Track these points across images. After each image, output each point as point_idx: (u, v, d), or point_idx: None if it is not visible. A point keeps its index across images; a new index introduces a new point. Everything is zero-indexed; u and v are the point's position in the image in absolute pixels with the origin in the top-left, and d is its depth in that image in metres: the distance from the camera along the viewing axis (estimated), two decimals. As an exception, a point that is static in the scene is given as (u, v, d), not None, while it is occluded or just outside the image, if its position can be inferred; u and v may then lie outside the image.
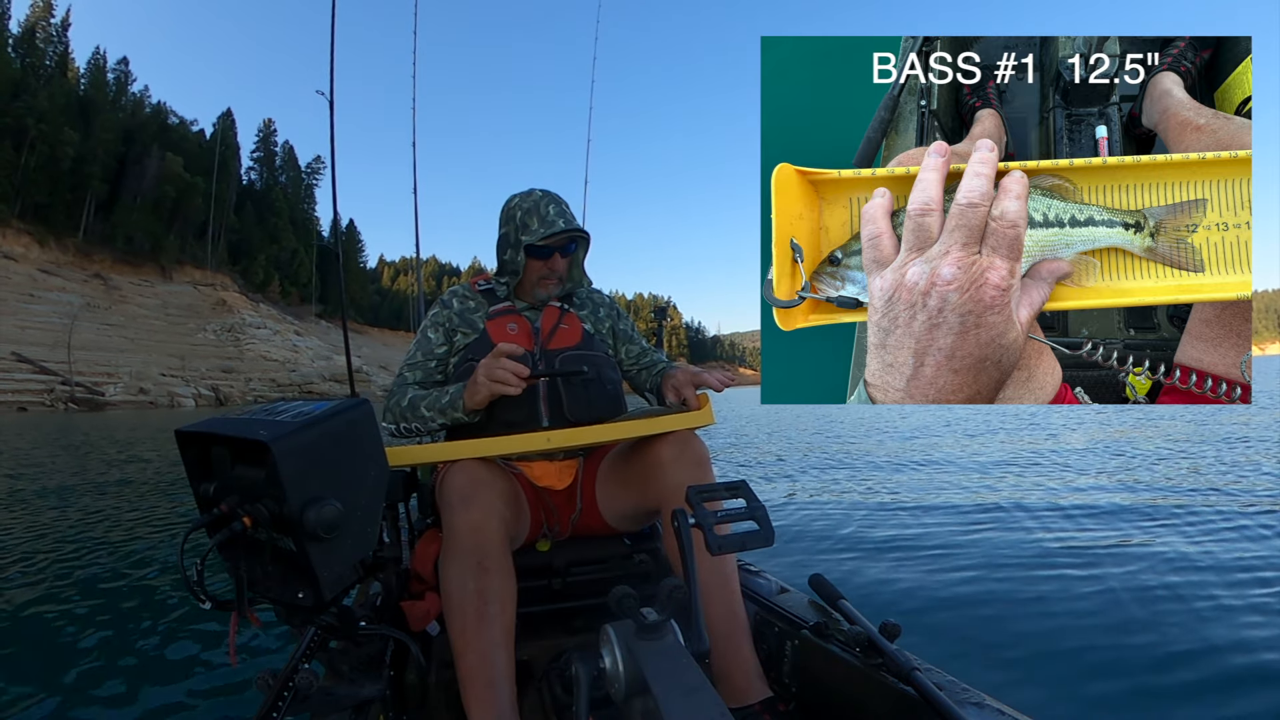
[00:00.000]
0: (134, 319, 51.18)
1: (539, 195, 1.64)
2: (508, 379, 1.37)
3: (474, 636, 1.19)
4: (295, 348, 58.88)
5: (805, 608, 1.41)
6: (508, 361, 1.38)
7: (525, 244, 1.60)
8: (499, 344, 1.42)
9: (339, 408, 0.95)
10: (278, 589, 0.94)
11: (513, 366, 1.38)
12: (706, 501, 0.93)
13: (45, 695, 2.02)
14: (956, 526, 3.81)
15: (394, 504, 1.62)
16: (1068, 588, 2.70)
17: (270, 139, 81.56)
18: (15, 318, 41.82)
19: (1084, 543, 3.35)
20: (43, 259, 50.34)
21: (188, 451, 0.98)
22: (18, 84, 52.00)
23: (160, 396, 42.78)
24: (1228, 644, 2.11)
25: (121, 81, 65.78)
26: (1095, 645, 2.15)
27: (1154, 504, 4.18)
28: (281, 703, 0.96)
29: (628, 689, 0.75)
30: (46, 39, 60.29)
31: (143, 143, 60.09)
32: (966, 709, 0.97)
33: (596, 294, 1.83)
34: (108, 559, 3.72)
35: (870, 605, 2.45)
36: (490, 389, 1.38)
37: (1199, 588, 2.63)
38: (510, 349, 1.40)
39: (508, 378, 1.37)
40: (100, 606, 2.90)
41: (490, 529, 1.25)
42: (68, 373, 39.63)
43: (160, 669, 2.22)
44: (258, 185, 78.11)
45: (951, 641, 2.20)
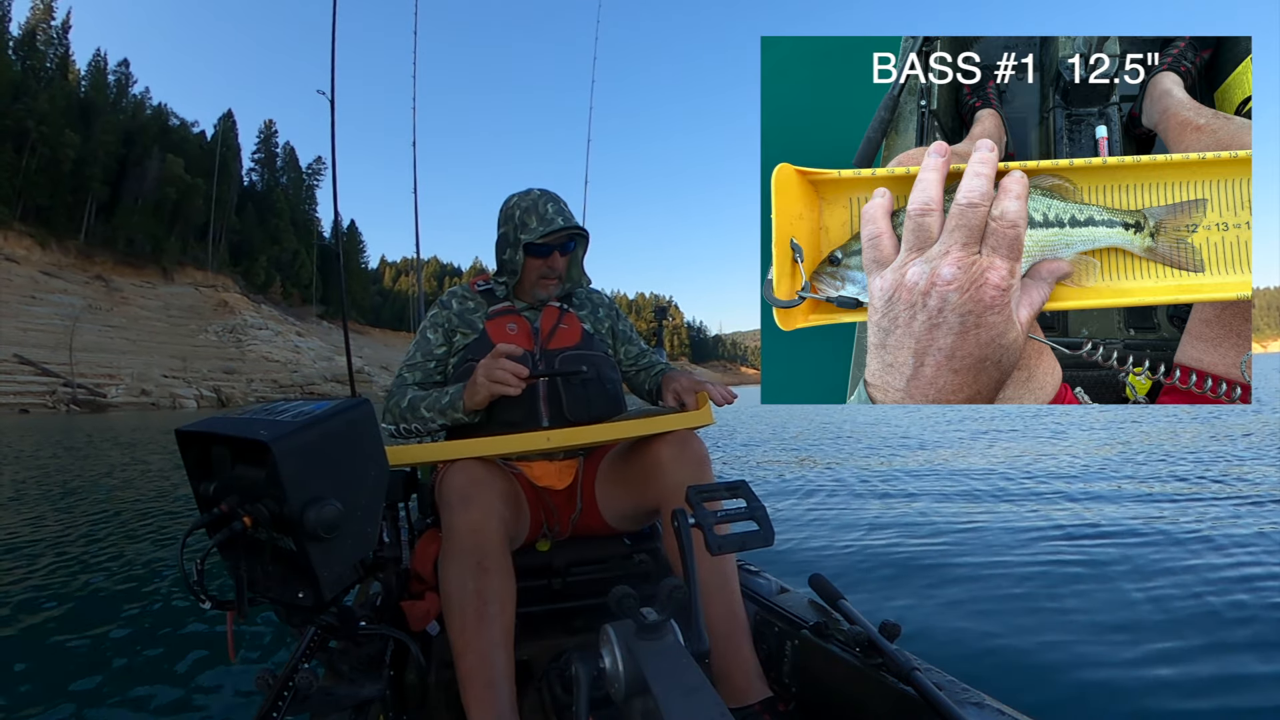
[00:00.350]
0: (136, 320, 51.21)
1: (537, 194, 1.64)
2: (507, 380, 1.37)
3: (474, 636, 1.19)
4: (297, 349, 58.88)
5: (805, 608, 1.41)
6: (507, 362, 1.38)
7: (524, 243, 1.60)
8: (498, 344, 1.42)
9: (339, 408, 0.95)
10: (278, 589, 0.94)
11: (512, 367, 1.38)
12: (706, 501, 0.93)
13: (45, 695, 2.02)
14: (957, 527, 3.81)
15: (394, 504, 1.62)
16: (1068, 587, 2.70)
17: (271, 140, 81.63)
18: (17, 320, 41.84)
19: (1084, 542, 3.35)
20: (44, 261, 50.37)
21: (188, 451, 0.98)
22: (18, 86, 52.06)
23: (162, 398, 42.79)
24: (1228, 644, 2.11)
25: (122, 83, 65.84)
26: (1096, 645, 2.14)
27: (1155, 503, 4.18)
28: (281, 703, 0.96)
29: (628, 689, 0.75)
30: (47, 41, 60.34)
31: (143, 144, 60.13)
32: (966, 709, 0.97)
33: (596, 294, 1.83)
34: (108, 559, 3.72)
35: (870, 605, 2.46)
36: (490, 390, 1.39)
37: (1200, 587, 2.63)
38: (509, 349, 1.40)
39: (507, 378, 1.37)
40: (101, 607, 2.90)
41: (490, 529, 1.25)
42: (69, 374, 39.63)
43: (160, 669, 2.22)
44: (259, 186, 78.17)
45: (951, 641, 2.19)
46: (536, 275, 1.66)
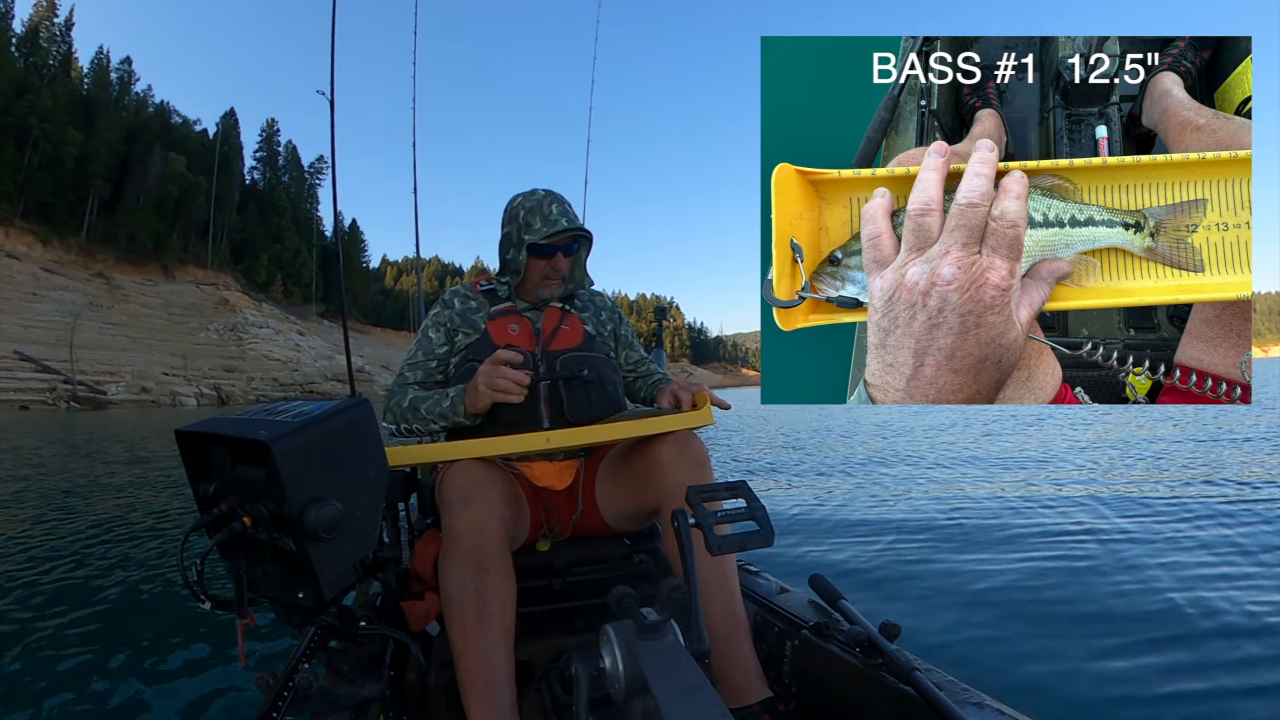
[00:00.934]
0: (137, 318, 51.23)
1: (542, 194, 1.64)
2: (509, 389, 1.37)
3: (473, 637, 1.19)
4: (298, 347, 58.90)
5: (805, 608, 1.40)
6: (508, 370, 1.38)
7: (528, 243, 1.60)
8: (497, 352, 1.42)
9: (339, 407, 0.95)
10: (278, 589, 0.94)
11: (514, 375, 1.38)
12: (706, 501, 0.93)
13: (46, 695, 2.02)
14: (957, 527, 3.81)
15: (394, 504, 1.62)
16: (1068, 587, 2.70)
17: (274, 138, 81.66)
18: (18, 316, 41.89)
19: (1085, 542, 3.35)
20: (46, 258, 50.41)
21: (188, 451, 0.98)
22: (21, 83, 52.09)
23: (162, 396, 42.82)
24: (1229, 643, 2.11)
25: (125, 81, 65.83)
26: (1096, 645, 2.14)
27: (1156, 504, 4.17)
28: (281, 703, 0.96)
29: (628, 689, 0.75)
30: (50, 38, 60.41)
31: (146, 142, 60.17)
32: (966, 709, 0.97)
33: (599, 296, 1.83)
34: (108, 559, 3.72)
35: (870, 605, 2.46)
36: (492, 398, 1.39)
37: (1200, 587, 2.63)
38: (509, 357, 1.40)
39: (509, 387, 1.37)
40: (101, 606, 2.90)
41: (489, 529, 1.25)
42: (70, 371, 39.67)
43: (161, 669, 2.22)
44: (261, 185, 78.19)
45: (951, 642, 2.20)
46: (540, 275, 1.66)
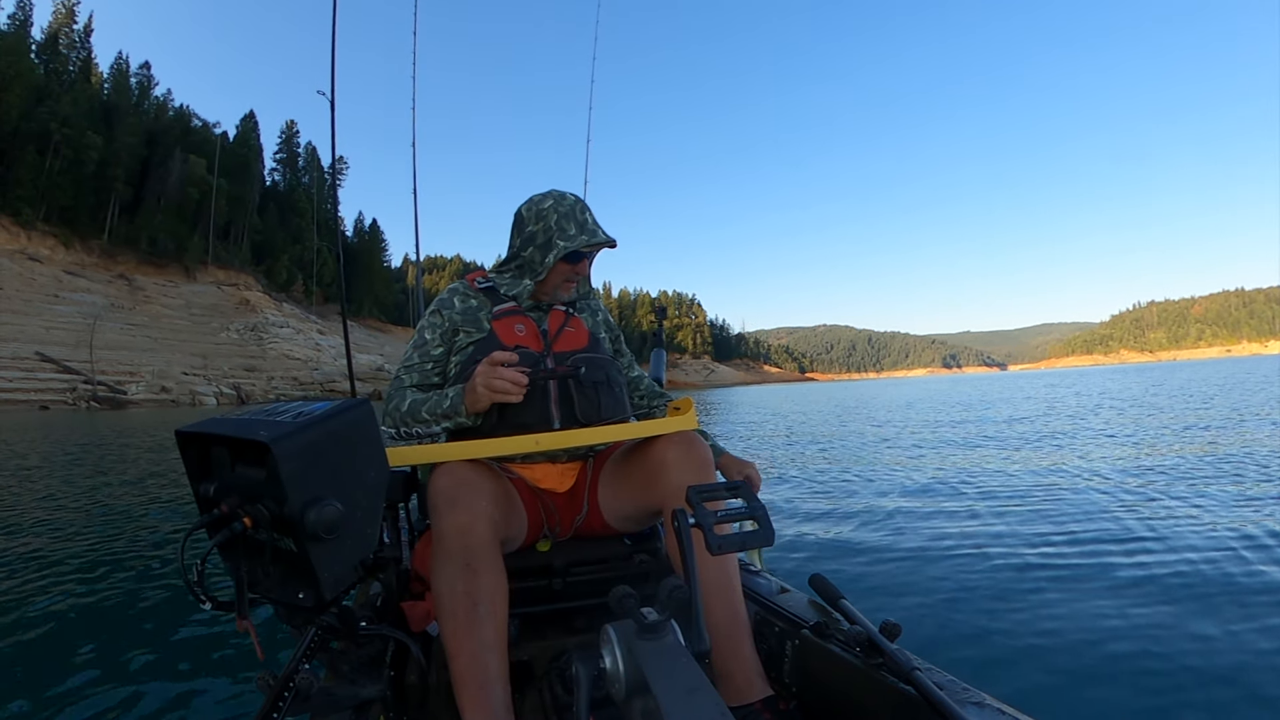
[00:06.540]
0: (157, 319, 51.89)
1: (573, 200, 1.63)
2: (507, 389, 1.37)
3: (465, 638, 1.17)
4: (318, 346, 59.39)
5: (806, 607, 1.40)
6: (505, 370, 1.38)
7: (565, 249, 1.58)
8: (495, 353, 1.41)
9: (339, 408, 0.94)
10: (278, 589, 0.94)
11: (511, 375, 1.37)
12: (707, 501, 0.93)
13: (46, 694, 2.03)
14: (957, 527, 3.80)
15: (394, 504, 1.62)
16: (1068, 587, 2.69)
17: (293, 140, 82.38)
18: (40, 318, 42.57)
19: (1085, 542, 3.33)
20: (68, 260, 51.18)
21: (188, 452, 0.98)
22: (41, 90, 52.91)
23: (182, 395, 43.36)
24: (1229, 644, 2.10)
25: (144, 85, 66.72)
26: (1096, 645, 2.13)
27: (1158, 505, 4.15)
28: (282, 703, 0.96)
29: (628, 689, 0.75)
30: (69, 45, 61.30)
31: (166, 146, 60.96)
32: (966, 709, 0.96)
33: (593, 299, 1.83)
34: (108, 559, 3.75)
35: (870, 605, 2.45)
36: (490, 398, 1.38)
37: (1201, 586, 2.61)
38: (505, 357, 1.39)
39: (508, 387, 1.37)
40: (102, 606, 2.92)
41: (477, 531, 1.23)
42: (90, 372, 40.25)
43: (161, 669, 2.22)
44: (281, 186, 78.91)
45: (951, 641, 2.19)
46: (562, 279, 1.64)
